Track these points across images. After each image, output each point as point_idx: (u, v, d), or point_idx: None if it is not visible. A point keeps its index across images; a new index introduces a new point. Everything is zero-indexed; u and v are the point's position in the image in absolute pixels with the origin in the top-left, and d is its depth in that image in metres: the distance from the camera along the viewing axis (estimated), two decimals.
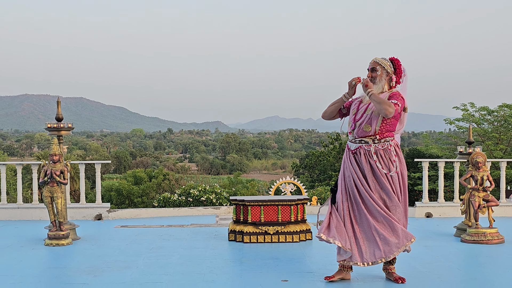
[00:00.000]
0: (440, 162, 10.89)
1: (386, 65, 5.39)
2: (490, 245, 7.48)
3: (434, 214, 10.50)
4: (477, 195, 7.96)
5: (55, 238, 7.51)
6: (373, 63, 5.41)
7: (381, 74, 5.38)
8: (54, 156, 7.68)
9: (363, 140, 5.34)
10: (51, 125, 8.15)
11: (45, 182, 7.70)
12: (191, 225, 9.39)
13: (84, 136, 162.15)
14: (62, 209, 7.67)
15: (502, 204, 10.41)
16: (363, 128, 5.32)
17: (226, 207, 11.17)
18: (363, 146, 5.33)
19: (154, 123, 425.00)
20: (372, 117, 5.29)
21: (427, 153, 31.67)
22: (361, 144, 5.35)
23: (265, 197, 7.96)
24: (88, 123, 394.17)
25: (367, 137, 5.33)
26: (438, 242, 7.75)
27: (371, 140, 5.31)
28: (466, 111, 29.82)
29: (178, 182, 39.14)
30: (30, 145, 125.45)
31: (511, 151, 28.80)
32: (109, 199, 37.09)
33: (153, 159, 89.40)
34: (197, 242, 7.70)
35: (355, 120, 5.38)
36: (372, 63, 5.42)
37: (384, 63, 5.39)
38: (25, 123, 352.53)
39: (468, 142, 8.70)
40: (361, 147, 5.34)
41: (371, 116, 5.29)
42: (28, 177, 36.90)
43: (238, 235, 7.73)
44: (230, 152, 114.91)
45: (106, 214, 10.31)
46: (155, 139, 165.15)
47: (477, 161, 8.00)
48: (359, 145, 5.35)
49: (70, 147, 79.90)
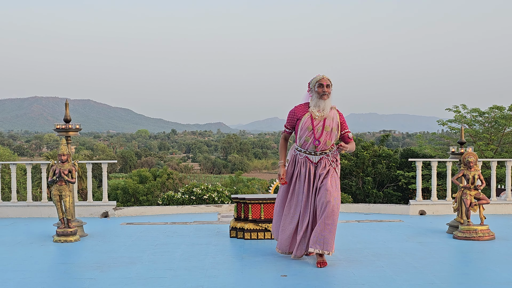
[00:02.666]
0: (433, 162, 10.89)
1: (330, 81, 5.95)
2: (481, 242, 7.48)
3: (428, 212, 10.50)
4: (469, 193, 7.95)
5: (63, 235, 7.51)
6: (327, 79, 5.90)
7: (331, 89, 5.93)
8: (63, 156, 7.68)
9: (324, 152, 5.94)
10: (59, 126, 8.15)
11: (53, 181, 7.69)
12: (194, 222, 9.38)
13: (91, 137, 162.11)
14: (70, 207, 7.67)
15: (493, 202, 10.41)
16: (326, 143, 5.90)
17: (228, 205, 11.16)
18: (324, 157, 5.94)
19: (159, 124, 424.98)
20: (331, 134, 5.91)
21: (420, 153, 31.68)
22: (322, 156, 5.94)
23: (265, 195, 7.96)
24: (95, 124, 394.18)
25: (326, 149, 5.96)
26: (431, 238, 7.75)
27: (329, 151, 5.97)
28: (458, 113, 29.83)
29: (182, 181, 39.14)
30: (39, 146, 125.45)
31: (501, 151, 28.80)
32: (115, 197, 37.09)
33: (157, 159, 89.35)
34: (200, 239, 7.69)
35: (317, 137, 5.86)
36: (326, 79, 5.89)
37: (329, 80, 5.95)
38: (35, 124, 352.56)
39: (460, 143, 8.70)
40: (323, 158, 5.93)
41: (331, 133, 5.90)
42: (38, 176, 36.91)
43: (239, 232, 7.72)
44: (232, 152, 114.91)
45: (112, 212, 10.31)
46: (159, 140, 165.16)
47: (469, 160, 8.00)
48: (321, 156, 5.94)
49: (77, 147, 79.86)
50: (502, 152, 28.57)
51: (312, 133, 5.84)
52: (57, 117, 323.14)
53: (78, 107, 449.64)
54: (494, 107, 28.78)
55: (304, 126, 5.87)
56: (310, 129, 5.84)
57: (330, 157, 5.92)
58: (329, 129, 5.85)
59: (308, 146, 5.90)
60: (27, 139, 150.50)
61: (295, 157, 6.05)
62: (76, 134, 8.26)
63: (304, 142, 5.91)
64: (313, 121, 5.83)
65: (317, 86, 5.87)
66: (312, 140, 5.86)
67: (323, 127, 5.84)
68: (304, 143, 5.91)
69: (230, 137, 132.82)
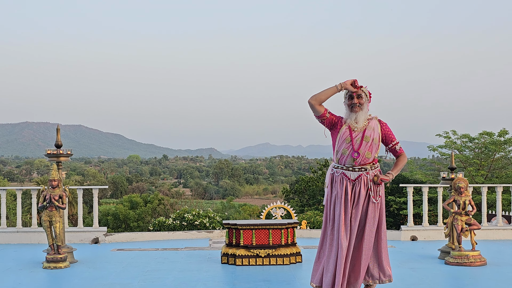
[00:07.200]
0: (424, 187, 10.92)
1: (367, 92, 5.37)
2: (472, 267, 7.47)
3: (419, 238, 10.49)
4: (460, 219, 7.97)
5: (53, 261, 7.43)
6: (359, 90, 5.31)
7: (364, 99, 5.33)
8: (53, 182, 7.65)
9: (363, 167, 5.24)
10: (50, 152, 8.13)
11: (44, 206, 7.65)
12: (185, 248, 9.32)
13: (82, 162, 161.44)
14: (60, 233, 7.61)
15: (484, 227, 10.43)
16: (365, 156, 5.23)
17: (219, 230, 11.11)
18: (363, 173, 5.23)
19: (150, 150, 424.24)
20: (372, 145, 5.25)
21: (411, 178, 31.73)
22: (361, 172, 5.23)
23: (257, 221, 7.93)
24: (86, 149, 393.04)
25: (366, 164, 5.25)
26: (423, 264, 7.73)
27: (369, 167, 5.25)
28: (449, 139, 29.98)
29: (173, 207, 38.93)
30: (30, 171, 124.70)
31: (491, 176, 28.92)
32: (106, 223, 36.81)
33: (148, 185, 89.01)
34: (191, 265, 7.64)
35: (356, 150, 5.21)
36: (358, 89, 5.31)
37: (365, 91, 5.35)
38: (25, 150, 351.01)
39: (450, 168, 8.74)
40: (362, 175, 5.23)
41: (371, 144, 5.24)
42: (28, 202, 36.59)
43: (230, 258, 7.68)
44: (223, 178, 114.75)
45: (103, 238, 10.23)
46: (150, 165, 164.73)
47: (460, 186, 8.04)
48: (360, 173, 5.23)
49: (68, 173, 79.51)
50: (493, 177, 28.68)
51: (351, 144, 5.21)
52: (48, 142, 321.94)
53: (69, 132, 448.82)
54: (484, 133, 28.96)
55: (341, 138, 5.28)
56: (348, 141, 5.22)
57: (370, 175, 5.23)
58: (369, 140, 5.22)
59: (346, 159, 5.23)
60: (17, 164, 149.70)
61: (332, 176, 5.36)
62: (67, 159, 8.24)
63: (341, 156, 5.26)
64: (351, 132, 5.25)
65: (347, 99, 5.36)
66: (350, 152, 5.22)
67: (363, 137, 5.22)
68: (341, 157, 5.26)
69: (222, 162, 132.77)
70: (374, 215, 5.22)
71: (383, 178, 5.16)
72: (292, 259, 7.73)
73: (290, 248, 7.81)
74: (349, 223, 5.18)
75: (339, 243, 5.11)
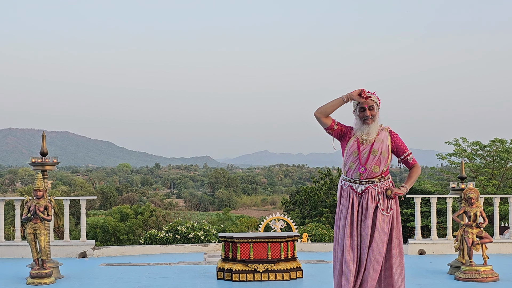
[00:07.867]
0: (432, 198, 10.92)
1: (376, 100, 5.36)
2: (484, 283, 7.46)
3: (427, 251, 10.48)
4: (471, 231, 7.96)
5: (37, 277, 7.41)
6: (369, 101, 5.31)
7: (376, 110, 5.34)
8: (38, 192, 7.63)
9: (370, 180, 5.28)
10: (35, 160, 8.12)
11: (28, 218, 7.63)
12: (178, 263, 9.30)
13: (69, 171, 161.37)
14: (45, 246, 7.60)
15: (496, 240, 10.42)
16: (372, 169, 5.27)
17: (215, 244, 11.09)
18: (370, 186, 5.28)
19: (141, 158, 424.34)
20: (380, 159, 5.29)
21: (419, 188, 31.74)
22: (368, 185, 5.28)
23: (255, 234, 7.93)
24: (73, 157, 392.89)
25: (374, 177, 5.29)
26: (432, 280, 7.73)
27: (377, 180, 5.29)
28: (458, 146, 30.05)
29: (166, 219, 38.94)
30: (13, 180, 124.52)
31: (504, 186, 28.95)
32: (94, 236, 36.75)
33: (139, 195, 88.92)
34: (185, 281, 7.62)
35: (362, 164, 5.27)
36: (368, 101, 5.31)
37: (375, 99, 5.34)
38: (9, 158, 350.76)
39: (460, 178, 8.75)
40: (369, 188, 5.27)
41: (379, 157, 5.28)
42: (11, 214, 36.48)
43: (226, 273, 7.66)
44: (219, 188, 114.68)
45: (90, 252, 10.21)
46: (142, 174, 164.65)
47: (470, 197, 8.04)
48: (367, 185, 5.28)
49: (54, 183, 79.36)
50: (505, 187, 28.72)
51: (358, 158, 5.28)
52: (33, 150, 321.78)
53: (55, 139, 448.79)
54: (495, 140, 29.03)
55: (349, 151, 5.34)
56: (355, 154, 5.29)
57: (378, 187, 5.26)
58: (376, 153, 5.27)
59: (353, 173, 5.32)
60: (0, 173, 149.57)
61: (341, 188, 5.45)
62: (53, 168, 8.23)
63: (349, 169, 5.34)
64: (359, 145, 5.30)
65: (358, 110, 5.35)
66: (357, 167, 5.29)
67: (370, 150, 5.27)
68: (349, 170, 5.34)
69: (218, 171, 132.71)
70: (383, 226, 5.18)
71: (397, 192, 5.20)
72: (292, 274, 7.71)
73: (290, 262, 7.80)
74: (355, 240, 5.20)
75: (345, 267, 5.11)
